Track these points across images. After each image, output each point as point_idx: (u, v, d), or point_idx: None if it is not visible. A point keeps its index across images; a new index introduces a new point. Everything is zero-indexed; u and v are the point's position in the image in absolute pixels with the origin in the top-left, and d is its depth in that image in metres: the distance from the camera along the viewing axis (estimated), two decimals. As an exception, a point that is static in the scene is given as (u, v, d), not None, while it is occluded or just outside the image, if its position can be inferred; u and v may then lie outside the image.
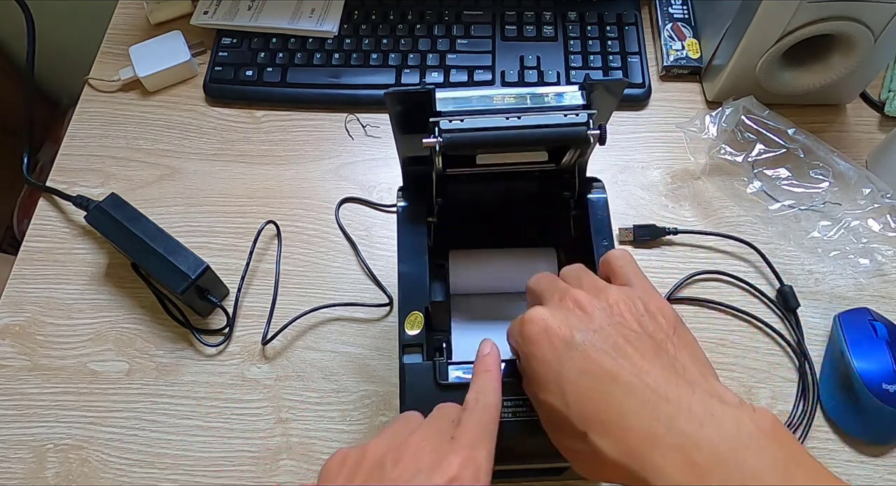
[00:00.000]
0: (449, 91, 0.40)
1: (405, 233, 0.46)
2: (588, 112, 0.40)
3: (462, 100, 0.40)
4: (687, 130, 0.63)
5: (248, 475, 0.54)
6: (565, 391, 0.32)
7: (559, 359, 0.33)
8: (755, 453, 0.28)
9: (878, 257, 0.58)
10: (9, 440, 0.55)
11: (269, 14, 0.72)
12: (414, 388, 0.41)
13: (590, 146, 0.41)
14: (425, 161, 0.43)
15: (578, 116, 0.40)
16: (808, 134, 0.62)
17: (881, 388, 0.52)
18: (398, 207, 0.47)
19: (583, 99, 0.41)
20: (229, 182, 0.66)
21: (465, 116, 0.40)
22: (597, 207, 0.46)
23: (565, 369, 0.32)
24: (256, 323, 0.59)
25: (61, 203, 0.65)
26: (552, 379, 0.33)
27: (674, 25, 0.72)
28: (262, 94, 0.70)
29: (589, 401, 0.31)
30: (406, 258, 0.45)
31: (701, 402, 0.30)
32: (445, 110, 0.40)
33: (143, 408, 0.56)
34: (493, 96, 0.40)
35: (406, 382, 0.41)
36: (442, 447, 0.33)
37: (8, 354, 0.59)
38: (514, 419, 0.39)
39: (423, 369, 0.41)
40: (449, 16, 0.72)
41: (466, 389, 0.38)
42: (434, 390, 0.41)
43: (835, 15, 0.57)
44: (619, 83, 0.40)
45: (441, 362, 0.41)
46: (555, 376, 0.32)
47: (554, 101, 0.40)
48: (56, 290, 0.61)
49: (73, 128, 0.70)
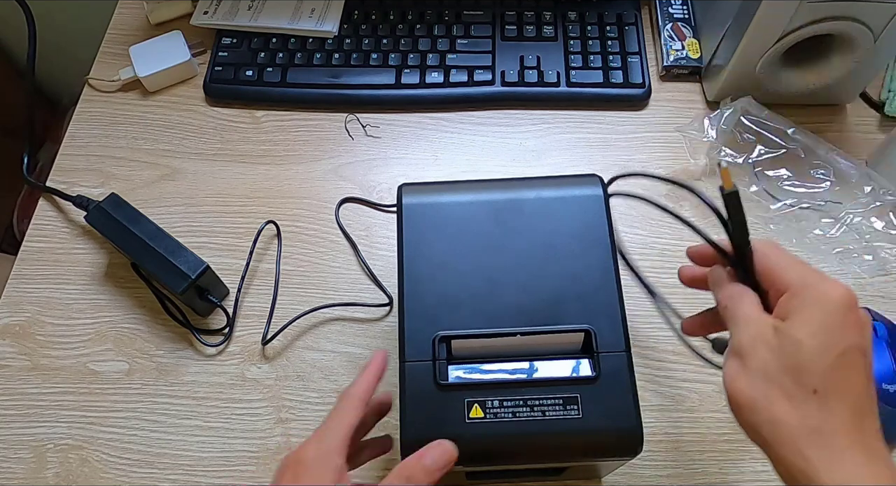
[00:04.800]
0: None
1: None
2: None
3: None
4: (686, 132, 0.63)
5: (248, 475, 0.54)
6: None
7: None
8: None
9: (883, 254, 0.58)
10: (9, 440, 0.55)
11: (269, 14, 0.72)
12: (413, 388, 0.41)
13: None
14: None
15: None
16: (807, 133, 0.62)
17: (881, 388, 0.52)
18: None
19: (591, 370, 0.41)
20: (229, 182, 0.66)
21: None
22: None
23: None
24: (256, 323, 0.59)
25: (61, 203, 0.65)
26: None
27: (674, 25, 0.72)
28: (262, 94, 0.70)
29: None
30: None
31: None
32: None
33: (143, 408, 0.56)
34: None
35: (406, 382, 0.41)
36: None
37: (8, 354, 0.59)
38: (514, 419, 0.40)
39: (423, 369, 0.41)
40: (449, 16, 0.72)
41: (466, 388, 0.38)
42: (434, 391, 0.41)
43: (835, 15, 0.57)
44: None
45: (441, 363, 0.41)
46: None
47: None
48: (56, 290, 0.61)
49: (73, 128, 0.70)
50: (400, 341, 0.42)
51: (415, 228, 0.45)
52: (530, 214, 0.45)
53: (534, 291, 0.43)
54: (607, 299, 0.43)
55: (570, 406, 0.40)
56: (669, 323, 0.49)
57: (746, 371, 0.33)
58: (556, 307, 0.42)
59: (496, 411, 0.40)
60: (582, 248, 0.44)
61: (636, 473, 0.53)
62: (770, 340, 0.33)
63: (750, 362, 0.33)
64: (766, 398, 0.32)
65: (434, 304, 0.43)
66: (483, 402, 0.40)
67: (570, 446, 0.40)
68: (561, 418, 0.40)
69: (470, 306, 0.43)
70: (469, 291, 0.43)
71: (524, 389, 0.40)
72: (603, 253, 0.44)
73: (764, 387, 0.32)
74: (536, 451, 0.40)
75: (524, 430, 0.39)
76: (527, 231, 0.45)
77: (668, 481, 0.53)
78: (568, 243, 0.44)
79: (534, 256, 0.44)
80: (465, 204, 0.46)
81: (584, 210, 0.45)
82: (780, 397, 0.31)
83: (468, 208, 0.46)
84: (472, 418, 0.40)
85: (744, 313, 0.35)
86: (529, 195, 0.46)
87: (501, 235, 0.45)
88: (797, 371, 0.32)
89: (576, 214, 0.45)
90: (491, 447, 0.40)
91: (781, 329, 0.33)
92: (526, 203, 0.46)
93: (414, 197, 0.47)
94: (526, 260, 0.44)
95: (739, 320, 0.34)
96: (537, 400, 0.40)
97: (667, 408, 0.55)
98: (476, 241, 0.45)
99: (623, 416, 0.40)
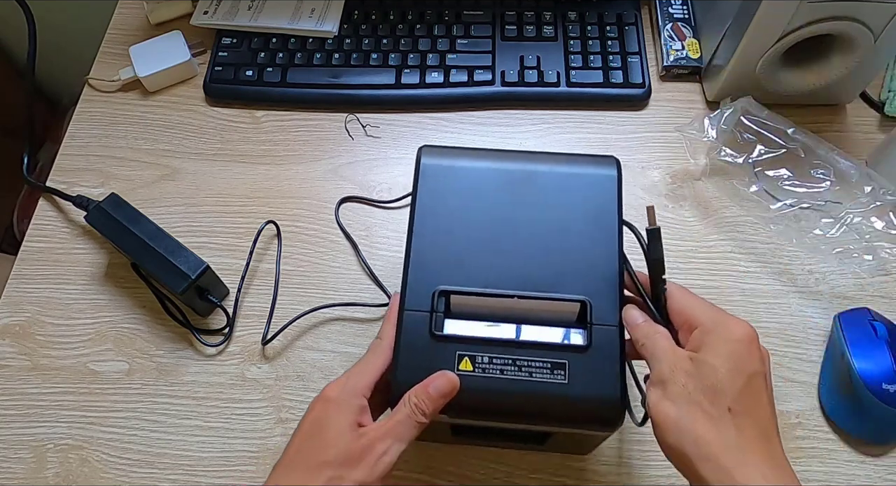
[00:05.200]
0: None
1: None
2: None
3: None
4: (686, 132, 0.63)
5: (248, 475, 0.54)
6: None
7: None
8: None
9: (883, 254, 0.58)
10: (9, 440, 0.55)
11: (269, 14, 0.72)
12: (410, 336, 0.42)
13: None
14: None
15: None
16: (807, 133, 0.62)
17: (881, 388, 0.52)
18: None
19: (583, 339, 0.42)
20: (229, 182, 0.66)
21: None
22: None
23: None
24: (256, 323, 0.59)
25: (61, 203, 0.65)
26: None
27: (674, 25, 0.72)
28: (262, 94, 0.70)
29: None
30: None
31: None
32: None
33: (143, 408, 0.56)
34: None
35: (403, 329, 0.42)
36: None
37: (8, 354, 0.59)
38: (501, 376, 0.41)
39: (421, 319, 0.42)
40: (449, 16, 0.72)
41: (459, 342, 0.41)
42: (429, 340, 0.42)
43: (835, 15, 0.57)
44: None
45: (438, 315, 0.42)
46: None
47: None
48: (56, 290, 0.61)
49: (73, 128, 0.70)
50: (402, 291, 0.44)
51: (429, 188, 0.47)
52: (543, 186, 0.46)
53: (537, 259, 0.44)
54: (607, 276, 0.44)
55: (557, 371, 0.41)
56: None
57: (669, 396, 0.37)
58: (556, 277, 0.44)
59: (485, 366, 0.41)
60: (589, 225, 0.45)
61: (638, 473, 0.53)
62: (688, 367, 0.37)
63: (671, 388, 0.37)
64: (689, 418, 0.36)
65: (438, 260, 0.44)
66: (473, 357, 0.42)
67: (552, 409, 0.41)
68: (547, 381, 0.41)
69: (473, 267, 0.44)
70: (474, 252, 0.44)
71: (514, 349, 0.42)
72: (609, 232, 0.45)
73: (686, 408, 0.36)
74: (519, 409, 0.42)
75: (509, 388, 0.41)
76: (538, 203, 0.46)
77: (667, 481, 0.53)
78: (576, 219, 0.45)
79: (541, 226, 0.45)
80: (481, 170, 0.47)
81: (597, 189, 0.46)
82: (701, 417, 0.36)
83: (483, 174, 0.47)
84: (462, 370, 0.41)
85: (661, 347, 0.39)
86: (544, 169, 0.47)
87: (512, 203, 0.46)
88: (714, 391, 0.36)
89: (588, 191, 0.46)
90: (476, 399, 0.41)
91: (697, 358, 0.37)
92: (540, 176, 0.47)
93: (432, 158, 0.48)
94: (533, 230, 0.45)
95: (658, 354, 0.39)
96: (526, 361, 0.42)
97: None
98: (487, 206, 0.46)
99: (607, 387, 0.41)
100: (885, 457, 0.53)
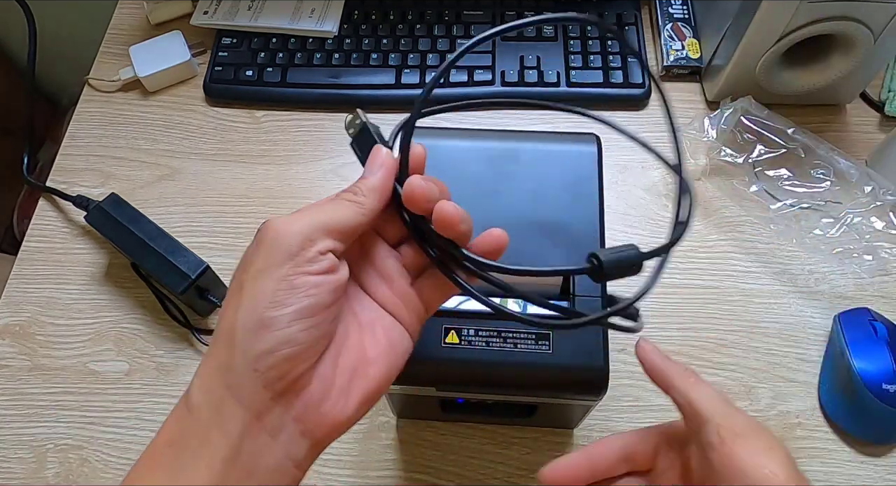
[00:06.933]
0: None
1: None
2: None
3: None
4: (686, 132, 0.63)
5: (248, 475, 0.54)
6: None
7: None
8: None
9: (883, 254, 0.58)
10: (9, 440, 0.55)
11: (269, 14, 0.72)
12: None
13: None
14: None
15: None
16: (807, 133, 0.62)
17: (881, 388, 0.52)
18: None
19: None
20: (229, 182, 0.66)
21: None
22: None
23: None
24: (256, 323, 0.59)
25: (61, 203, 0.65)
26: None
27: (674, 25, 0.72)
28: (262, 94, 0.70)
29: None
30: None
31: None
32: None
33: (143, 408, 0.56)
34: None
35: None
36: None
37: (8, 354, 0.59)
38: (487, 348, 0.41)
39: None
40: (449, 16, 0.72)
41: (445, 316, 0.41)
42: None
43: (835, 15, 0.57)
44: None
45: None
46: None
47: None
48: (56, 290, 0.61)
49: (73, 128, 0.70)
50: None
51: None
52: (525, 163, 0.47)
53: (520, 233, 0.44)
54: (590, 249, 0.44)
55: (541, 342, 0.42)
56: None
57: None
58: (540, 251, 0.44)
59: (471, 338, 0.42)
60: (571, 200, 0.45)
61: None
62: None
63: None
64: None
65: None
66: (459, 330, 0.42)
67: (538, 378, 0.42)
68: (532, 351, 0.42)
69: None
70: None
71: (500, 322, 0.42)
72: (591, 206, 0.45)
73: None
74: (505, 379, 0.42)
75: (495, 359, 0.41)
76: (519, 179, 0.46)
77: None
78: (558, 194, 0.46)
79: (524, 202, 0.45)
80: (463, 149, 0.48)
81: (577, 165, 0.47)
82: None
83: (465, 153, 0.47)
84: (448, 343, 0.42)
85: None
86: (526, 146, 0.48)
87: (494, 179, 0.46)
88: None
89: (568, 167, 0.47)
90: (463, 371, 0.42)
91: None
92: (522, 152, 0.47)
93: (414, 139, 0.48)
94: (516, 205, 0.45)
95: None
96: (511, 333, 0.42)
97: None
98: (468, 183, 0.46)
99: (592, 356, 0.42)
100: (885, 457, 0.53)
